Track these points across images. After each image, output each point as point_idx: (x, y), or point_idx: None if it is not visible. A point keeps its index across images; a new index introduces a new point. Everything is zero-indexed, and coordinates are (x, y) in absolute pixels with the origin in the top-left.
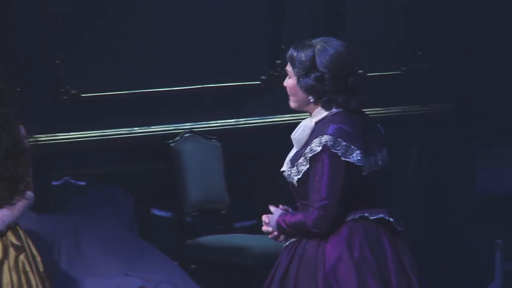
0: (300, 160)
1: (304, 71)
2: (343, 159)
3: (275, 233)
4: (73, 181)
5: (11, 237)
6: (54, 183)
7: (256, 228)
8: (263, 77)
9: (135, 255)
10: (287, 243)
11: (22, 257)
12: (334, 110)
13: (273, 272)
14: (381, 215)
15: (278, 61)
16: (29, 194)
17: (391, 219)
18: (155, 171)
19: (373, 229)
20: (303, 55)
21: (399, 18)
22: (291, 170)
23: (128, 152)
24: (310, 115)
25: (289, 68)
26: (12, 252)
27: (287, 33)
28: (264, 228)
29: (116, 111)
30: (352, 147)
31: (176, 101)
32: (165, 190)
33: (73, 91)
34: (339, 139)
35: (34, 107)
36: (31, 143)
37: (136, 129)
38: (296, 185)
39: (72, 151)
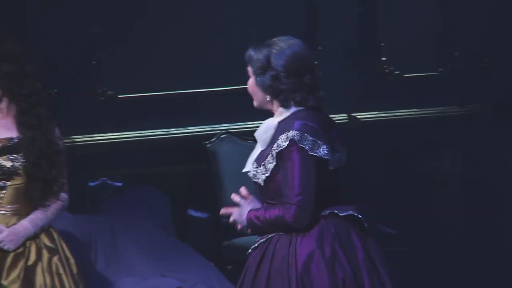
0: (268, 158)
1: (260, 70)
2: (310, 153)
3: (238, 223)
4: (109, 181)
5: (44, 239)
6: (91, 183)
7: None
8: None
9: (171, 255)
10: (255, 245)
11: (55, 259)
12: (293, 108)
13: (244, 274)
14: (350, 212)
15: (315, 62)
16: (64, 195)
17: (359, 216)
18: (191, 172)
19: (343, 225)
20: (259, 55)
21: (436, 19)
22: (257, 169)
23: (165, 153)
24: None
25: (248, 67)
26: (45, 254)
27: (322, 35)
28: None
29: (153, 112)
30: (319, 142)
31: (212, 102)
32: (202, 191)
33: (110, 92)
34: (306, 134)
35: (71, 108)
36: (68, 144)
37: (173, 130)
38: (262, 184)
39: (109, 152)
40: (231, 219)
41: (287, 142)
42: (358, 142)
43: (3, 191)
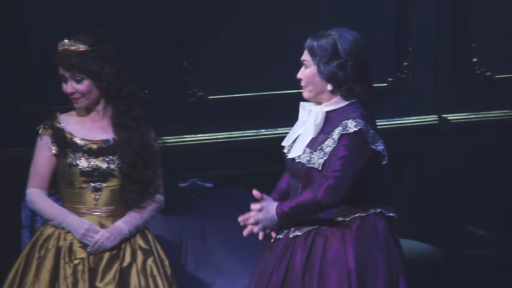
0: (327, 142)
1: (326, 58)
2: (371, 146)
3: (272, 230)
4: (199, 183)
5: (139, 240)
6: (181, 185)
7: None
8: (389, 79)
9: None
10: (298, 233)
11: (150, 261)
12: (349, 101)
13: (286, 263)
14: (391, 214)
15: (405, 63)
16: (159, 197)
17: (395, 217)
18: (281, 173)
19: (388, 225)
20: (324, 43)
21: None
22: (313, 154)
23: (254, 154)
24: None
25: (307, 57)
26: (140, 256)
27: (413, 35)
28: (251, 230)
29: (243, 113)
30: (377, 135)
31: None
32: None
33: (200, 93)
34: (368, 126)
35: (161, 109)
36: (159, 145)
37: (263, 131)
38: (320, 168)
39: (199, 153)
40: (252, 221)
41: (356, 129)
42: (449, 143)
43: (99, 193)
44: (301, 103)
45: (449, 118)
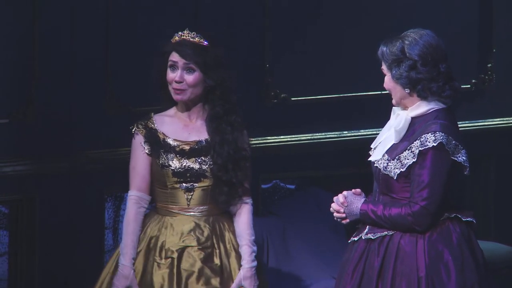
0: (405, 154)
1: (395, 62)
2: (452, 157)
3: (346, 218)
4: (282, 184)
5: (233, 240)
6: (263, 186)
7: None
8: (473, 80)
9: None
10: (371, 237)
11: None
12: (431, 103)
13: (361, 268)
14: (469, 218)
15: (489, 65)
16: (247, 200)
17: (475, 222)
18: (363, 175)
19: (465, 230)
20: (392, 48)
21: None
22: (390, 162)
23: (337, 156)
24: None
25: (382, 65)
26: (233, 256)
27: (498, 36)
28: (336, 208)
29: (326, 114)
30: (460, 146)
31: (386, 104)
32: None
33: (283, 95)
34: (450, 137)
35: (244, 111)
36: None
37: (345, 133)
38: (395, 178)
39: (281, 155)
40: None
41: (435, 144)
42: None
43: (191, 193)
44: (393, 107)
45: None
